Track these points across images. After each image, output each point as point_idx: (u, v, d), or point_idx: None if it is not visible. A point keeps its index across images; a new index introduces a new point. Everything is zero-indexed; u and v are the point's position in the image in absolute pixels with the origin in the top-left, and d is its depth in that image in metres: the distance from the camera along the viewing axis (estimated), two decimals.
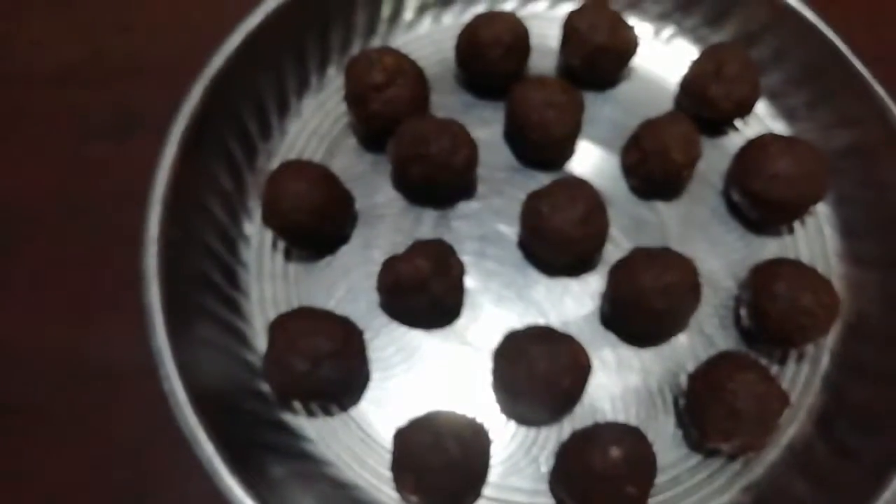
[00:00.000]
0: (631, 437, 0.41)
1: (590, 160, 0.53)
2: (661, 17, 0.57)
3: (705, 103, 0.51)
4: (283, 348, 0.41)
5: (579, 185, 0.46)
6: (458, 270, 0.46)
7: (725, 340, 0.47)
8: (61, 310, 0.50)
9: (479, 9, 0.57)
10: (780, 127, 0.55)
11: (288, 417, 0.45)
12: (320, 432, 0.44)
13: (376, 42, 0.56)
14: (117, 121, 0.56)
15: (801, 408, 0.46)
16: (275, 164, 0.52)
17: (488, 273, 0.49)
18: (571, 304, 0.48)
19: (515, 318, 0.47)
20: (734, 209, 0.51)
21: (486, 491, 0.43)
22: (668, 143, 0.48)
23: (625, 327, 0.47)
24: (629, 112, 0.54)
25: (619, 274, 0.45)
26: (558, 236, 0.45)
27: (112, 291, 0.50)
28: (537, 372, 0.41)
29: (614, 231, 0.49)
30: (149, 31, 0.60)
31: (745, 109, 0.52)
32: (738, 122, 0.54)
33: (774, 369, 0.47)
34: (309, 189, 0.45)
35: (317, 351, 0.41)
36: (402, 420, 0.44)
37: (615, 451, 0.39)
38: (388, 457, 0.43)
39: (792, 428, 0.45)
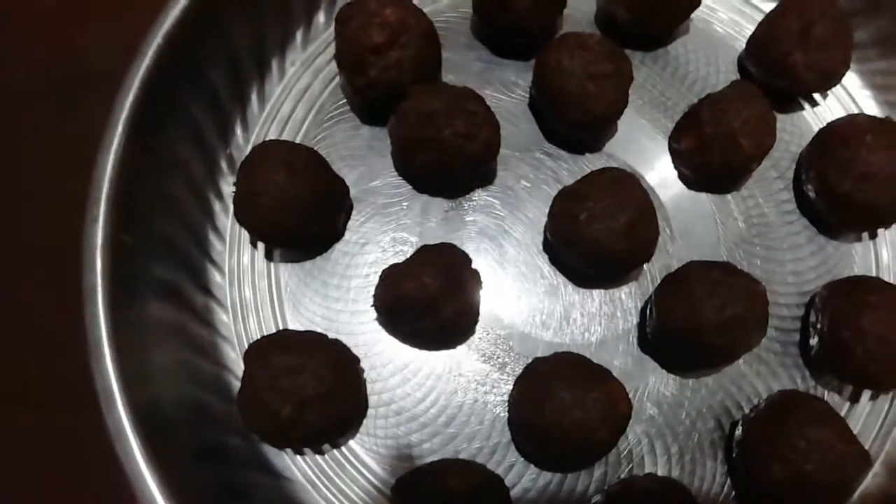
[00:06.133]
0: (674, 497, 0.34)
1: (631, 140, 0.43)
2: None
3: (783, 72, 0.41)
4: (261, 387, 0.34)
5: (624, 184, 0.37)
6: (473, 286, 0.38)
7: (788, 371, 0.40)
8: None
9: None
10: (868, 102, 0.45)
11: (267, 454, 0.38)
12: (306, 474, 0.38)
13: None
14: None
15: (875, 456, 0.39)
16: (252, 138, 0.43)
17: (508, 279, 0.41)
18: (606, 320, 0.40)
19: (539, 335, 0.40)
20: (806, 207, 0.42)
21: None
22: (735, 128, 0.39)
23: (671, 355, 0.39)
24: (683, 80, 0.45)
25: (671, 298, 0.37)
26: (597, 249, 0.36)
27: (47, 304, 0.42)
28: (568, 422, 0.34)
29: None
30: None
31: (831, 82, 0.42)
32: (816, 94, 0.45)
33: (844, 408, 0.40)
34: (291, 181, 0.37)
35: (302, 393, 0.34)
36: (404, 460, 0.38)
37: None
38: (385, 503, 0.37)
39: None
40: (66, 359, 0.34)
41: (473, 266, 0.38)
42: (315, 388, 0.34)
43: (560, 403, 0.34)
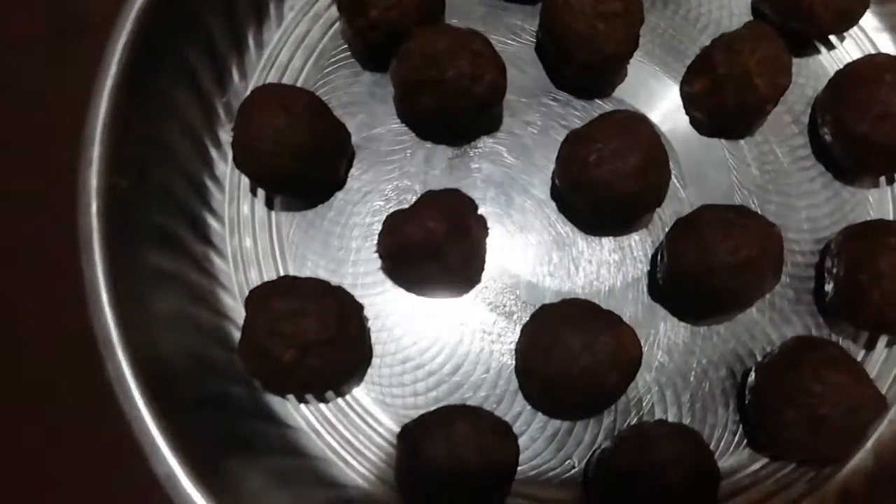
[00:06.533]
0: (688, 447, 0.33)
1: (641, 84, 0.42)
2: None
3: (799, 13, 0.40)
4: (263, 332, 0.33)
5: (635, 125, 0.36)
6: (479, 232, 0.37)
7: (801, 318, 0.39)
8: None
9: None
10: (887, 44, 0.44)
11: (270, 403, 0.37)
12: (310, 422, 0.37)
13: None
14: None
15: (890, 403, 0.38)
16: (250, 85, 0.42)
17: (515, 228, 0.40)
18: (615, 268, 0.39)
19: (546, 284, 0.39)
20: (822, 152, 0.41)
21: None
22: (749, 68, 0.38)
23: (682, 302, 0.38)
24: (695, 23, 0.43)
25: (682, 241, 0.35)
26: (606, 192, 0.35)
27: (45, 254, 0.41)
28: (576, 368, 0.33)
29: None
30: None
31: (849, 22, 0.40)
32: (832, 37, 0.43)
33: (860, 355, 0.39)
34: (291, 125, 0.36)
35: (304, 338, 0.33)
36: (409, 409, 0.37)
37: (672, 472, 0.32)
38: (391, 451, 0.36)
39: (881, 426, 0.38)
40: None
41: (479, 213, 0.37)
42: (318, 333, 0.33)
43: (568, 348, 0.33)
